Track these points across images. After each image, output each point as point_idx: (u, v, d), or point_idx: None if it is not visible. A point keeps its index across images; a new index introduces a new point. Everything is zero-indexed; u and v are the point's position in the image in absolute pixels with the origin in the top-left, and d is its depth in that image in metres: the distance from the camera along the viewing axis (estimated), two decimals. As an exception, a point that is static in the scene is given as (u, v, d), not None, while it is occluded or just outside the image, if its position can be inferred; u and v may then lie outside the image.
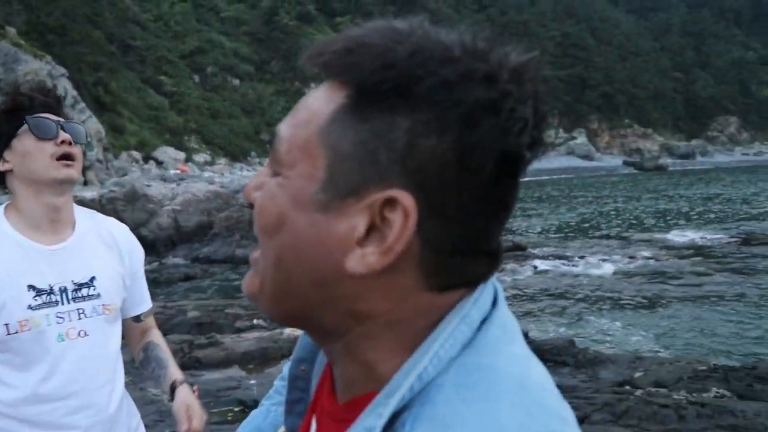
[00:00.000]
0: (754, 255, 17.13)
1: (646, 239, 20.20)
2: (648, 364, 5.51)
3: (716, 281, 13.98)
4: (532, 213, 30.02)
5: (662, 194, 39.35)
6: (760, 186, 43.48)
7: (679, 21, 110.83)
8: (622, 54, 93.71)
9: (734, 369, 5.21)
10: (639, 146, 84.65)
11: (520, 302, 12.23)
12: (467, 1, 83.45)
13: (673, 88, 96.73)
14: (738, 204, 32.44)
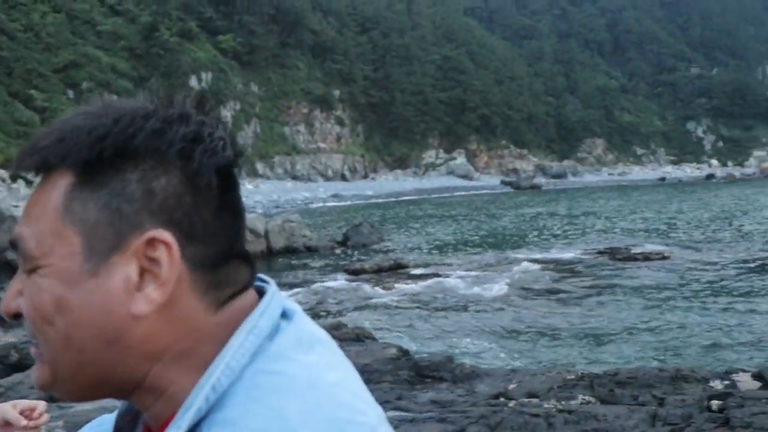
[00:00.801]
0: (617, 268, 18.20)
1: (521, 255, 21.01)
2: (521, 376, 5.77)
3: (584, 294, 14.75)
4: (413, 231, 30.58)
5: (537, 212, 41.07)
6: (623, 204, 46.26)
7: (550, 49, 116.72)
8: (498, 78, 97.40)
9: (599, 376, 5.55)
10: (515, 166, 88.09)
11: (400, 319, 12.41)
12: (350, 23, 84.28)
13: (546, 112, 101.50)
14: (604, 220, 34.36)
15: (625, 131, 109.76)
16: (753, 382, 5.76)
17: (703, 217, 35.47)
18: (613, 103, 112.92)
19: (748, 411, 4.63)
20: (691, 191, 65.53)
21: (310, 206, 50.04)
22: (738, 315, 12.77)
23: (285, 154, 67.87)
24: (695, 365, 6.76)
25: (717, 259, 19.86)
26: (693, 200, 49.93)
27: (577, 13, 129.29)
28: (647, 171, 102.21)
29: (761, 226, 30.01)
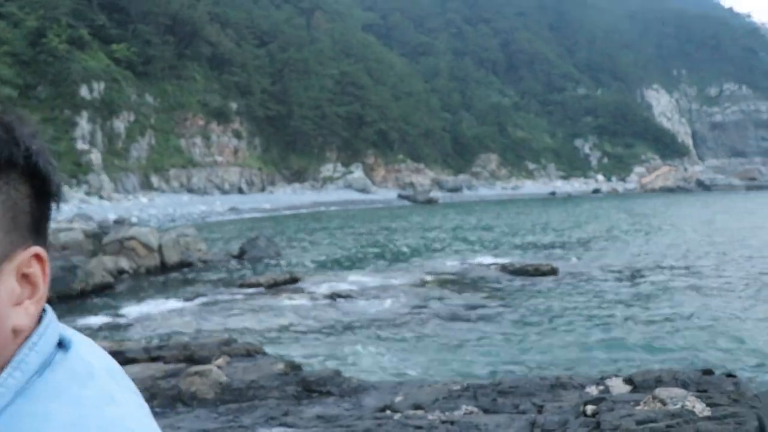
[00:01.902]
0: (509, 281, 18.78)
1: (414, 268, 21.34)
2: (408, 389, 5.86)
3: (475, 306, 15.12)
4: (310, 244, 30.51)
5: (432, 225, 41.82)
6: (516, 217, 47.80)
7: (446, 66, 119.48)
8: (395, 94, 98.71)
9: (483, 386, 5.72)
10: (412, 180, 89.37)
11: (293, 333, 12.35)
12: (249, 36, 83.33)
13: (442, 127, 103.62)
14: (497, 233, 35.39)
15: (517, 147, 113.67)
16: (624, 386, 6.09)
17: (590, 229, 37.14)
18: (507, 120, 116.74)
19: (617, 414, 4.89)
20: (581, 204, 68.51)
21: (206, 220, 49.04)
22: (618, 323, 13.44)
23: (181, 167, 66.20)
24: (575, 372, 7.06)
25: (601, 270, 20.85)
26: (580, 213, 52.16)
27: (472, 32, 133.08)
28: (539, 185, 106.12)
29: (641, 238, 31.72)
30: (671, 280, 18.96)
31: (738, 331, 12.78)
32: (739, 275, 19.86)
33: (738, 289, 17.48)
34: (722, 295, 16.67)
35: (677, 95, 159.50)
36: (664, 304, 15.34)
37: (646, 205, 65.91)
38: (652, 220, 44.83)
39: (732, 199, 77.06)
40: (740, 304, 15.44)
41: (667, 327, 13.11)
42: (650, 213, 53.44)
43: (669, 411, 5.08)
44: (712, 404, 5.43)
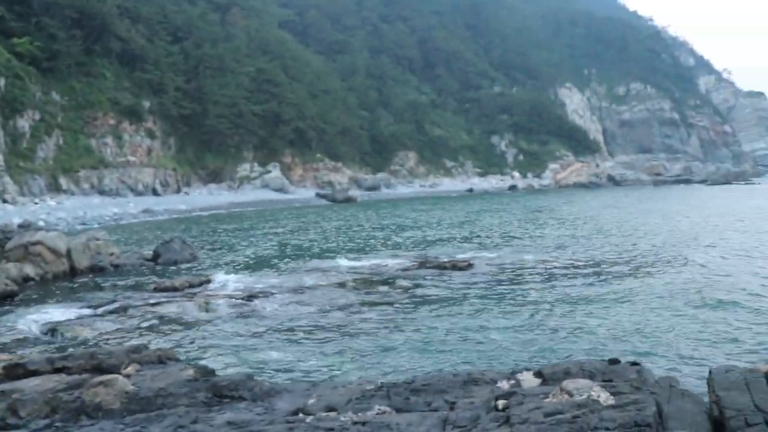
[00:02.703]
0: (428, 277, 18.97)
1: (334, 267, 21.30)
2: (322, 390, 5.84)
3: (394, 302, 15.20)
4: (227, 246, 30.02)
5: (350, 224, 41.83)
6: (434, 214, 48.35)
7: (363, 64, 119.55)
8: (312, 92, 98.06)
9: (396, 385, 5.75)
10: (330, 179, 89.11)
11: (208, 338, 12.11)
12: (161, 32, 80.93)
13: (360, 125, 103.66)
14: (416, 230, 35.73)
15: (435, 144, 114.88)
16: (534, 379, 6.25)
17: (506, 225, 37.94)
18: (424, 118, 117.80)
19: (526, 408, 5.01)
20: (497, 201, 69.90)
21: (119, 222, 47.58)
22: (532, 317, 13.77)
23: (91, 168, 63.80)
24: (487, 368, 7.19)
25: (517, 265, 21.33)
26: (497, 209, 53.23)
27: (389, 30, 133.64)
28: (456, 182, 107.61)
29: (555, 233, 32.63)
30: (584, 274, 19.57)
31: (645, 319, 13.31)
32: (639, 265, 20.71)
33: (641, 277, 18.22)
34: (626, 284, 17.33)
35: (588, 94, 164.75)
36: (575, 297, 15.82)
37: (559, 201, 67.86)
38: (564, 215, 46.16)
39: (642, 193, 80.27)
40: (644, 292, 16.08)
41: (579, 319, 13.52)
42: (561, 208, 55.04)
43: (575, 402, 5.25)
44: (616, 393, 5.65)
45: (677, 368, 10.07)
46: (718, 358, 10.47)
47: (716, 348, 11.31)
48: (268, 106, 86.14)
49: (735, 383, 6.32)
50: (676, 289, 16.73)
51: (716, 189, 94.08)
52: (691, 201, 63.22)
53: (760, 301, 14.96)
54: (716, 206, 53.10)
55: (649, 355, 10.83)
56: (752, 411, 5.57)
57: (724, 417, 5.54)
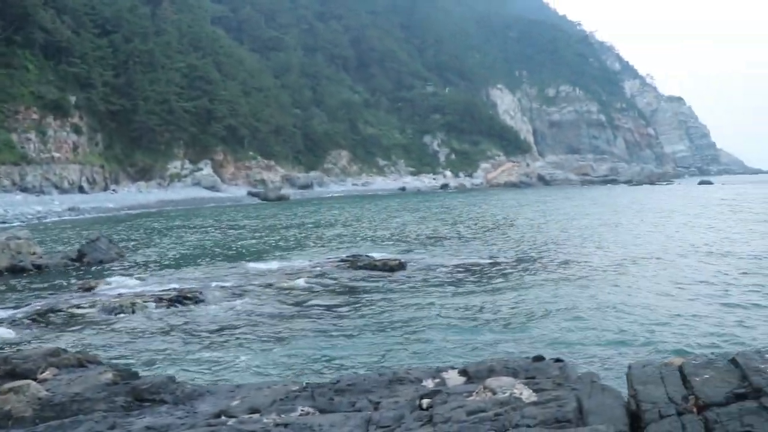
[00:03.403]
0: (359, 276, 18.98)
1: (264, 266, 21.09)
2: (246, 392, 5.77)
3: (325, 303, 15.14)
4: (156, 245, 29.39)
5: (283, 222, 41.51)
6: (366, 213, 48.42)
7: (297, 62, 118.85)
8: (245, 89, 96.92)
9: (321, 386, 5.72)
10: (263, 177, 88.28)
11: (132, 339, 11.82)
12: (88, 24, 78.33)
13: (293, 124, 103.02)
14: (347, 229, 35.71)
15: (368, 143, 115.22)
16: (459, 377, 6.31)
17: (437, 224, 38.28)
18: (357, 117, 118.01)
19: (449, 406, 5.06)
20: (428, 199, 70.50)
21: (43, 221, 46.03)
22: (462, 314, 13.93)
23: (13, 164, 61.37)
24: (413, 366, 7.23)
25: (448, 264, 21.54)
26: (429, 208, 53.68)
27: (324, 28, 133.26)
28: (389, 181, 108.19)
29: (486, 232, 33.12)
30: (513, 272, 19.92)
31: (572, 315, 13.63)
32: (566, 261, 21.21)
33: (567, 274, 18.66)
34: (553, 281, 17.72)
35: (519, 95, 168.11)
36: (504, 295, 16.08)
37: (490, 199, 68.93)
38: (496, 214, 46.89)
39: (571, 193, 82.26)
40: (568, 288, 16.47)
41: (507, 316, 13.75)
42: (492, 206, 55.92)
43: (498, 400, 5.33)
44: (539, 390, 5.75)
45: (602, 363, 10.34)
46: (643, 351, 10.77)
47: (639, 342, 11.67)
48: (199, 102, 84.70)
49: (651, 377, 6.54)
50: (602, 285, 17.20)
51: (641, 189, 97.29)
52: (621, 201, 65.16)
53: (676, 298, 15.52)
54: (644, 206, 54.88)
55: (576, 350, 11.10)
56: (666, 403, 5.77)
57: (640, 410, 5.72)
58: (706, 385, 6.09)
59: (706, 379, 6.26)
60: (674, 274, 19.40)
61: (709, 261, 21.85)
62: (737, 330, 12.44)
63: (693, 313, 14.10)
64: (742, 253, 23.41)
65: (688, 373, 6.52)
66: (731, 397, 5.77)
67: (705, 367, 6.64)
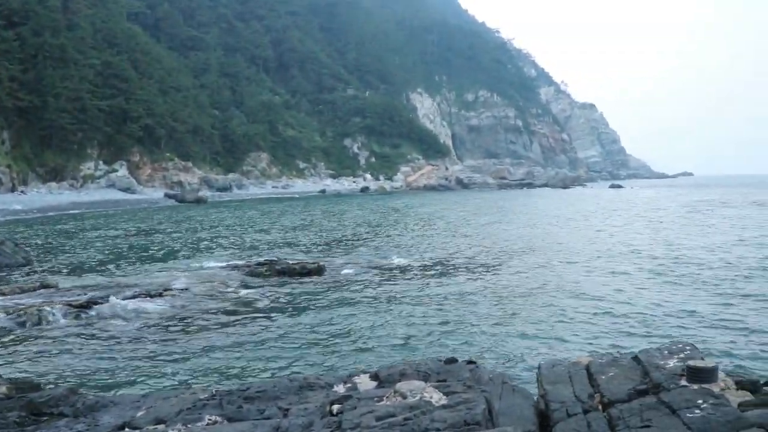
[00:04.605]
0: (276, 280, 18.78)
1: (179, 270, 20.61)
2: (152, 401, 5.60)
3: (239, 309, 14.90)
4: (67, 249, 28.32)
5: (199, 225, 40.67)
6: (284, 216, 48.00)
7: (217, 62, 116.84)
8: (163, 88, 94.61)
9: (230, 393, 5.62)
10: (180, 179, 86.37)
11: (36, 349, 11.31)
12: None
13: (212, 125, 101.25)
14: (266, 232, 35.27)
15: (288, 145, 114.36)
16: (371, 382, 6.32)
17: (356, 227, 38.31)
18: (277, 119, 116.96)
19: (358, 412, 5.05)
20: (348, 202, 70.49)
21: (-59, 223, 43.67)
22: (379, 318, 13.96)
23: None
24: (325, 372, 7.21)
25: (366, 267, 21.57)
26: (349, 211, 53.65)
27: (244, 28, 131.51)
28: (309, 184, 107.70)
29: (405, 234, 33.35)
30: (429, 274, 20.11)
31: (487, 316, 13.86)
32: (480, 265, 21.61)
33: (481, 277, 19.01)
34: (466, 283, 18.00)
35: (439, 99, 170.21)
36: (421, 298, 16.21)
37: (411, 202, 69.49)
38: (415, 217, 47.30)
39: (488, 195, 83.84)
40: (482, 291, 16.76)
41: (424, 318, 13.86)
42: (412, 210, 56.40)
43: (408, 404, 5.35)
44: (449, 392, 5.80)
45: (515, 364, 10.55)
46: (554, 351, 11.04)
47: (550, 342, 11.97)
48: (114, 101, 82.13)
49: (560, 377, 6.72)
50: (515, 287, 17.57)
51: (557, 192, 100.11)
52: (537, 204, 66.75)
53: (587, 298, 16.02)
54: (557, 209, 56.43)
55: (491, 352, 11.28)
56: (573, 402, 5.94)
57: (549, 409, 5.87)
58: (611, 383, 6.31)
59: (611, 377, 6.49)
60: (584, 274, 20.02)
61: (618, 262, 22.67)
62: (642, 328, 12.93)
63: (604, 311, 14.59)
64: (651, 254, 24.41)
65: (595, 371, 6.74)
66: (633, 394, 6.01)
67: (610, 366, 6.88)
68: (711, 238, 30.61)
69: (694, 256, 24.15)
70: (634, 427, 5.13)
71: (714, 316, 13.97)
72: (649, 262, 22.92)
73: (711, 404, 5.33)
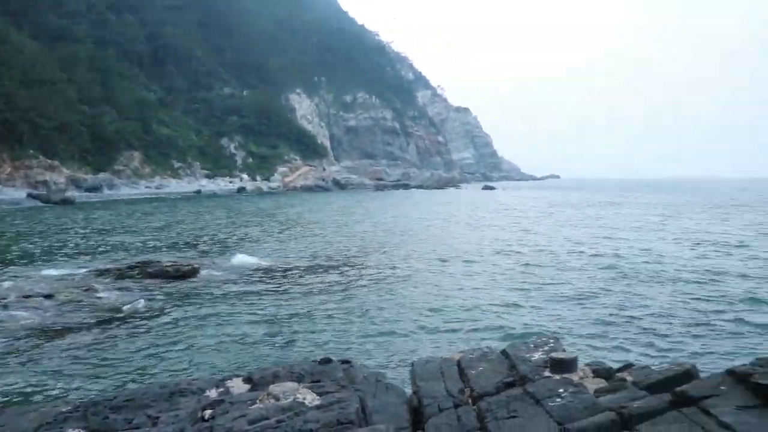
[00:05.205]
0: (149, 284, 18.17)
1: (35, 276, 19.51)
2: (8, 417, 5.25)
3: (105, 315, 14.31)
4: None
5: (66, 226, 38.70)
6: (158, 217, 46.49)
7: (87, 55, 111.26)
8: (25, 81, 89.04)
9: (95, 403, 5.40)
10: (45, 178, 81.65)
11: None
12: None
13: (80, 121, 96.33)
14: (137, 234, 34.00)
15: (162, 144, 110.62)
16: (244, 385, 6.26)
17: (235, 228, 37.66)
18: (151, 116, 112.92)
19: (231, 416, 5.00)
20: (225, 203, 69.15)
21: None
22: (256, 321, 13.80)
23: None
24: (197, 376, 7.05)
25: (243, 269, 21.26)
26: (225, 212, 52.66)
27: (117, 21, 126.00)
28: (184, 184, 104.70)
29: (281, 234, 33.11)
30: (308, 276, 20.09)
31: (367, 315, 14.01)
32: (356, 264, 21.83)
33: (359, 277, 19.20)
34: (346, 282, 18.14)
35: (317, 100, 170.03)
36: (300, 299, 16.17)
37: (287, 203, 69.07)
38: (291, 218, 47.05)
39: (365, 197, 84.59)
40: (360, 291, 16.94)
41: (300, 319, 13.84)
42: (288, 210, 56.08)
43: (281, 406, 5.35)
44: (323, 393, 5.85)
45: (390, 361, 10.72)
46: (428, 348, 11.29)
47: (426, 339, 12.24)
48: (-32, 93, 76.63)
49: (433, 373, 6.93)
50: (395, 286, 17.85)
51: (430, 192, 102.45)
52: (421, 206, 67.97)
53: (461, 295, 16.53)
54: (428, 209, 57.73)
55: (367, 351, 11.42)
56: (444, 397, 6.14)
57: (422, 405, 6.03)
58: (480, 377, 6.57)
59: (481, 372, 6.76)
60: (455, 272, 20.63)
61: (487, 259, 23.50)
62: (517, 322, 13.48)
63: (475, 306, 15.09)
64: (517, 251, 25.48)
65: (465, 366, 6.99)
66: (501, 386, 6.30)
67: (480, 360, 7.17)
68: (572, 233, 32.34)
69: (557, 253, 25.42)
70: (501, 418, 5.38)
71: (576, 310, 14.77)
72: (516, 259, 23.94)
73: (570, 392, 5.69)
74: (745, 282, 18.76)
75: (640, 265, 22.26)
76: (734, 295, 16.69)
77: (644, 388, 5.83)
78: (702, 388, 5.07)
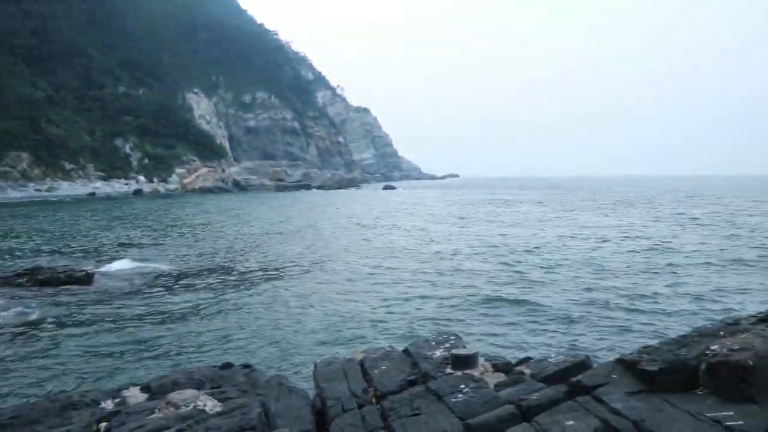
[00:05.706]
0: (35, 292, 17.33)
1: None
2: None
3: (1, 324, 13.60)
4: None
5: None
6: (49, 220, 44.43)
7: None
8: None
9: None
10: None
11: None
12: None
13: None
14: (24, 239, 32.38)
15: (52, 145, 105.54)
16: (141, 394, 6.07)
17: (130, 232, 36.47)
18: (40, 115, 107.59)
19: (128, 428, 4.84)
20: (119, 206, 66.79)
21: None
22: (152, 328, 13.41)
23: None
24: (89, 389, 6.79)
25: (137, 271, 20.62)
26: (121, 215, 50.95)
27: (0, 13, 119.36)
28: (77, 186, 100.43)
29: (178, 239, 32.32)
30: (206, 281, 19.70)
31: (265, 317, 13.85)
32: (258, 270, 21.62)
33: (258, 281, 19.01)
34: (244, 287, 17.91)
35: (216, 100, 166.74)
36: (196, 303, 15.83)
37: (184, 205, 67.53)
38: (188, 221, 46.06)
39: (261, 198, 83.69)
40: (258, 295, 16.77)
41: (198, 324, 13.55)
42: (184, 213, 54.86)
43: (181, 414, 5.22)
44: (224, 399, 5.75)
45: (296, 365, 10.65)
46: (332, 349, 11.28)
47: (329, 341, 12.23)
48: None
49: (336, 373, 6.95)
50: (292, 288, 17.75)
51: (331, 193, 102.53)
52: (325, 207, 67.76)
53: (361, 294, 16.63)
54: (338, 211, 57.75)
55: (269, 355, 11.29)
56: (348, 397, 6.17)
57: (325, 406, 6.04)
58: (384, 376, 6.65)
59: (384, 371, 6.83)
60: (357, 272, 20.75)
61: (389, 259, 23.74)
62: (418, 320, 13.67)
63: (379, 305, 15.21)
64: (418, 251, 25.85)
65: (368, 366, 7.05)
66: (404, 385, 6.40)
67: (383, 360, 7.24)
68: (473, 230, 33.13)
69: (458, 251, 25.97)
70: (405, 416, 5.46)
71: (477, 308, 15.13)
72: (416, 257, 24.30)
73: (471, 388, 5.84)
74: (630, 275, 19.74)
75: (534, 260, 23.03)
76: (621, 287, 17.54)
77: (542, 380, 6.06)
78: (595, 377, 5.32)
